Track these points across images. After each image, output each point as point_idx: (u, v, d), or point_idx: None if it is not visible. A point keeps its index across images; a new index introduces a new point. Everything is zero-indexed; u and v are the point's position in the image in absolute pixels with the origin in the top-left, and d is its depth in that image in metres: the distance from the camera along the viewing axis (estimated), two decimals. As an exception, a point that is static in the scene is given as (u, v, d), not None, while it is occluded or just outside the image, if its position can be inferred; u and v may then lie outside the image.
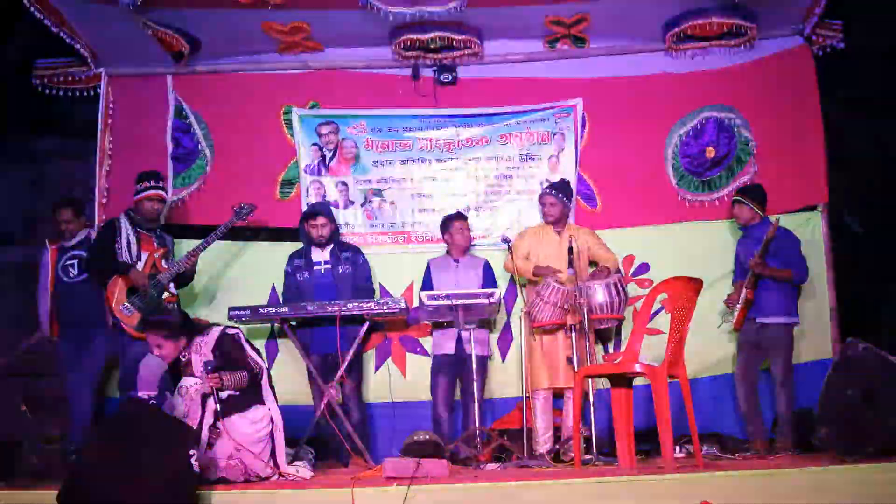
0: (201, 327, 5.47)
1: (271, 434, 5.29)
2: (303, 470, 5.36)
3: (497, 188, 7.56)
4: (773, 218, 6.70)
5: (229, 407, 5.15)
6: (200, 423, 5.07)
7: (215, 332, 5.39)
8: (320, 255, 6.89)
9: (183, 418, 5.04)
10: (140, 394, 5.05)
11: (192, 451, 4.52)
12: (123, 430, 4.64)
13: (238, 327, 5.59)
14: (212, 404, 5.11)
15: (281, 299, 6.94)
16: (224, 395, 5.17)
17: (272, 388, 5.47)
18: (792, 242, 6.68)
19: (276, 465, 5.26)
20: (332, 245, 6.91)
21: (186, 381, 5.21)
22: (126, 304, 6.33)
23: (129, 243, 6.48)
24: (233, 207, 6.87)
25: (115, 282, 6.41)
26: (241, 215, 6.85)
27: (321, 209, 6.98)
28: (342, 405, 6.54)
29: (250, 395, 5.29)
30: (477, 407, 6.31)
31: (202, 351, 5.30)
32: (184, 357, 5.34)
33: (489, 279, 6.95)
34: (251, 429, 5.18)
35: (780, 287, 6.57)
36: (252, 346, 5.49)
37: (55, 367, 6.41)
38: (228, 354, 5.31)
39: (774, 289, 6.56)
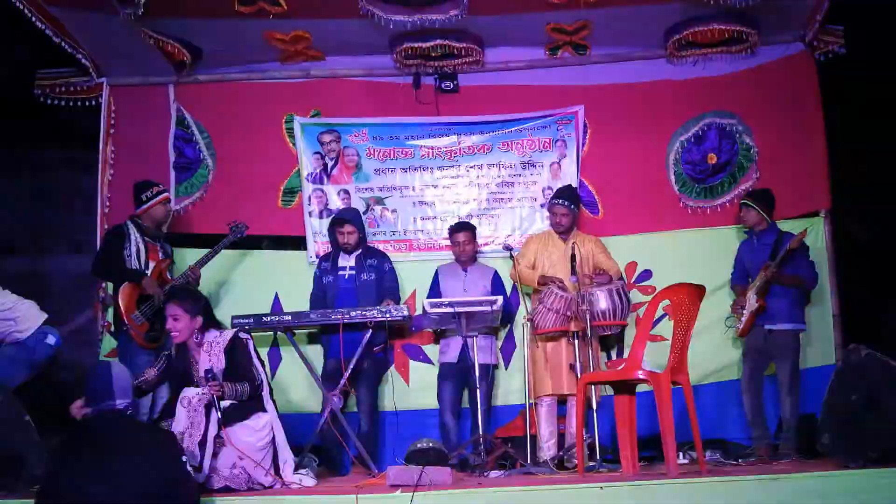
0: (217, 323, 5.54)
1: (273, 442, 5.29)
2: (306, 479, 5.35)
3: (499, 195, 7.56)
4: (790, 228, 6.71)
5: (230, 416, 5.15)
6: (205, 433, 5.06)
7: (228, 334, 5.46)
8: (346, 261, 6.90)
9: (185, 430, 5.04)
10: (116, 403, 4.95)
11: (183, 458, 4.49)
12: (98, 441, 4.51)
13: (249, 335, 5.62)
14: (215, 414, 5.11)
15: (310, 300, 6.94)
16: (225, 403, 5.17)
17: (272, 398, 5.48)
18: (801, 248, 6.67)
19: (278, 473, 5.26)
20: (358, 251, 6.91)
21: (188, 392, 5.19)
22: (137, 312, 6.31)
23: (138, 251, 6.47)
24: (228, 224, 6.88)
25: (125, 289, 6.38)
26: (236, 233, 6.85)
27: (349, 217, 6.96)
28: (354, 413, 6.56)
29: (251, 403, 5.31)
30: (481, 415, 6.30)
31: (213, 350, 5.33)
32: (196, 339, 5.36)
33: (498, 290, 6.95)
34: (253, 437, 5.18)
35: (790, 294, 6.58)
36: (258, 355, 5.52)
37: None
38: (236, 360, 5.34)
39: (784, 296, 6.56)
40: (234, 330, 5.56)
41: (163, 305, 5.88)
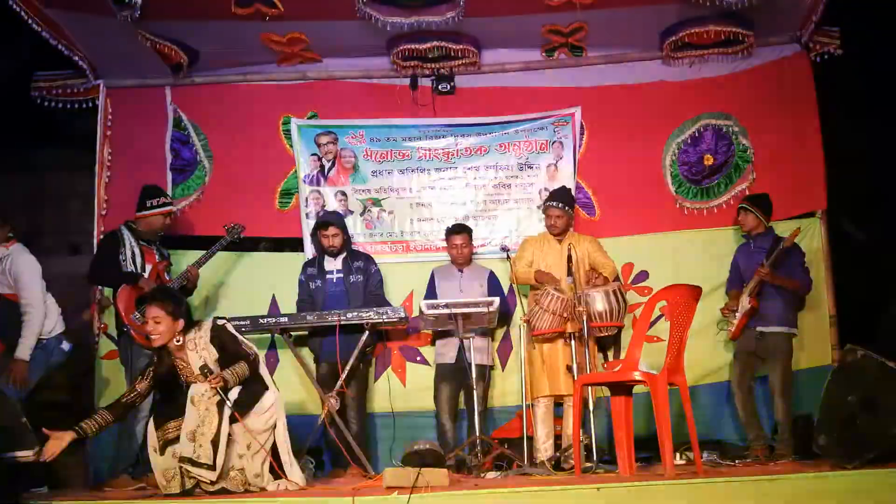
0: (194, 322, 5.46)
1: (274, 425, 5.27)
2: (292, 483, 5.28)
3: (496, 197, 7.57)
4: (786, 229, 6.73)
5: (242, 406, 5.10)
6: (218, 431, 5.00)
7: (207, 325, 5.36)
8: (332, 265, 6.91)
9: (196, 428, 5.00)
10: None
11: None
12: None
13: (224, 318, 5.57)
14: (227, 410, 5.04)
15: (296, 306, 6.94)
16: (233, 395, 5.12)
17: (267, 371, 5.47)
18: (797, 253, 6.69)
19: (276, 457, 5.23)
20: (344, 254, 6.92)
21: (197, 390, 5.10)
22: (136, 313, 6.31)
23: (133, 255, 6.47)
24: (225, 227, 6.88)
25: (123, 291, 6.38)
26: (233, 234, 6.85)
27: (333, 219, 6.98)
28: (342, 414, 6.54)
29: (253, 386, 5.25)
30: (477, 416, 6.30)
31: (199, 346, 5.27)
32: (178, 341, 5.27)
33: (494, 290, 6.96)
34: (261, 421, 5.16)
35: (783, 297, 6.58)
36: (240, 334, 5.47)
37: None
38: (224, 344, 5.28)
39: (776, 298, 6.57)
40: (209, 320, 5.46)
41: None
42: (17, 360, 5.93)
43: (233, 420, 5.05)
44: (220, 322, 5.43)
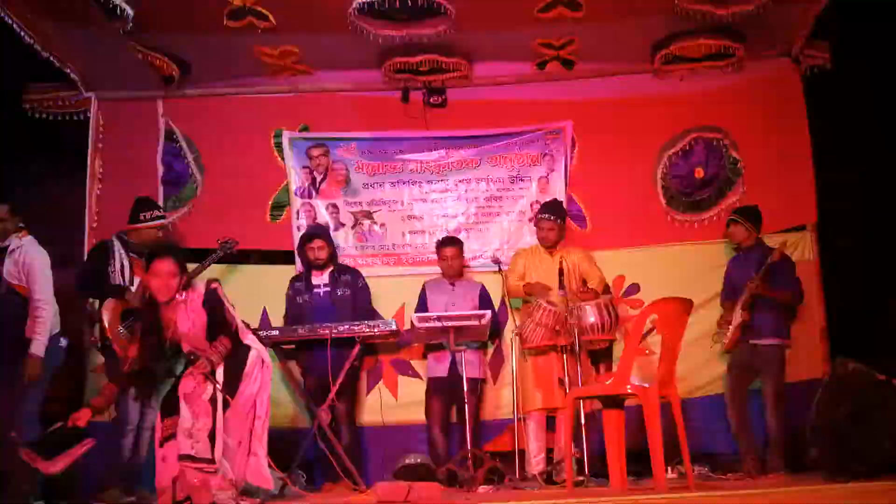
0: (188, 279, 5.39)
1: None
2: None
3: (487, 210, 7.58)
4: (777, 242, 6.74)
5: (231, 385, 5.07)
6: (213, 424, 4.95)
7: (201, 287, 5.31)
8: (319, 279, 6.90)
9: (192, 425, 4.94)
10: None
11: None
12: None
13: (216, 280, 5.50)
14: (220, 399, 5.00)
15: (283, 322, 6.93)
16: (220, 377, 5.07)
17: (249, 329, 5.44)
18: (788, 265, 6.70)
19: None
20: (330, 268, 6.92)
21: (186, 386, 5.04)
22: (120, 327, 6.29)
23: (122, 267, 6.45)
24: (218, 240, 6.86)
25: (109, 304, 6.36)
26: (226, 248, 6.83)
27: (318, 232, 6.99)
28: (333, 427, 6.52)
29: (237, 355, 5.21)
30: (469, 429, 6.29)
31: (189, 307, 5.21)
32: (180, 296, 5.21)
33: (485, 305, 6.96)
34: (251, 382, 5.15)
35: (774, 308, 6.59)
36: (228, 300, 5.39)
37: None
38: (215, 311, 5.22)
39: (768, 310, 6.58)
40: (203, 282, 5.38)
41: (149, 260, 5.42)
42: (32, 355, 5.88)
43: (226, 406, 5.01)
44: (213, 286, 5.35)
